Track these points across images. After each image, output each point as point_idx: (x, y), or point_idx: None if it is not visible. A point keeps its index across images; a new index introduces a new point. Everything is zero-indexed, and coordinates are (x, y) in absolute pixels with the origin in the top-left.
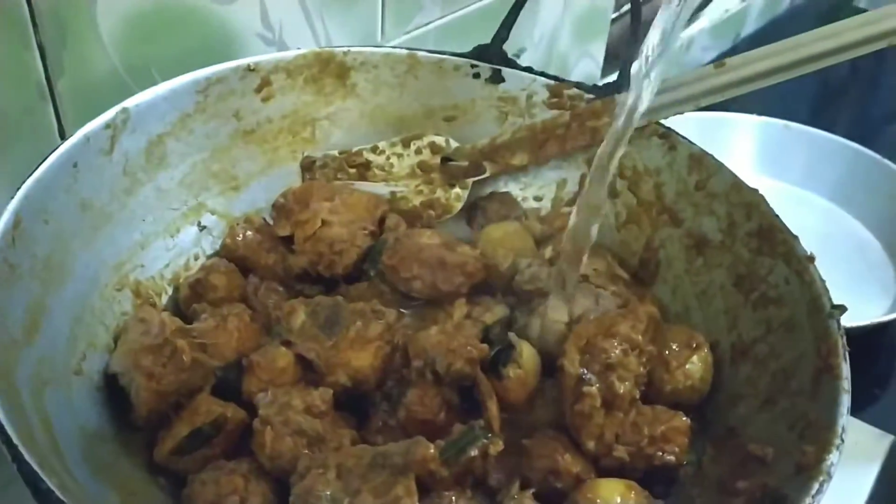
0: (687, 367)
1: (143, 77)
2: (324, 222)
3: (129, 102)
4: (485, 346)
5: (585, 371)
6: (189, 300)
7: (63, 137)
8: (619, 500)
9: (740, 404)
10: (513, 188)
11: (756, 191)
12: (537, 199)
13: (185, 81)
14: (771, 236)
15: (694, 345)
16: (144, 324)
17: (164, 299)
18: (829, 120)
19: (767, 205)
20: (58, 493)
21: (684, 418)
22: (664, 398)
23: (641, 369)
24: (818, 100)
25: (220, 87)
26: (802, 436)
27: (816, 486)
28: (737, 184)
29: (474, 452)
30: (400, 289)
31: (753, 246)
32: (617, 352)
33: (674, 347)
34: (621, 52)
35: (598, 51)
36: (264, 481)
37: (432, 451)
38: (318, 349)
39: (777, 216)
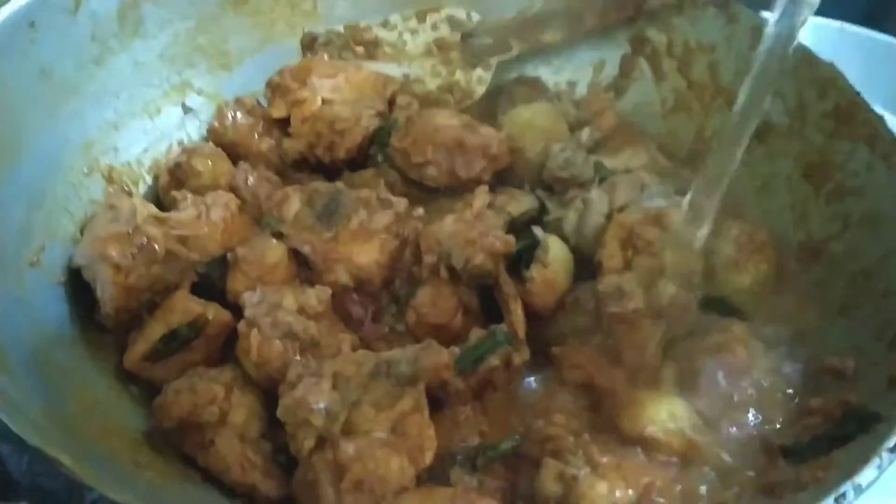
0: (747, 267)
1: None
2: (324, 101)
3: None
4: (511, 237)
5: (628, 268)
6: (168, 187)
7: None
8: (665, 418)
9: (810, 311)
10: (543, 72)
11: (832, 65)
12: (571, 83)
13: None
14: (850, 117)
15: (755, 243)
16: (113, 211)
17: (143, 189)
18: (889, 22)
19: (845, 80)
20: None
21: (742, 325)
22: (719, 303)
23: (695, 268)
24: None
25: None
26: (894, 345)
27: None
28: (808, 58)
29: (496, 361)
30: (412, 176)
31: (828, 129)
32: (669, 244)
33: (730, 245)
34: None
35: None
36: (249, 391)
37: (446, 357)
38: (315, 242)
39: (858, 93)
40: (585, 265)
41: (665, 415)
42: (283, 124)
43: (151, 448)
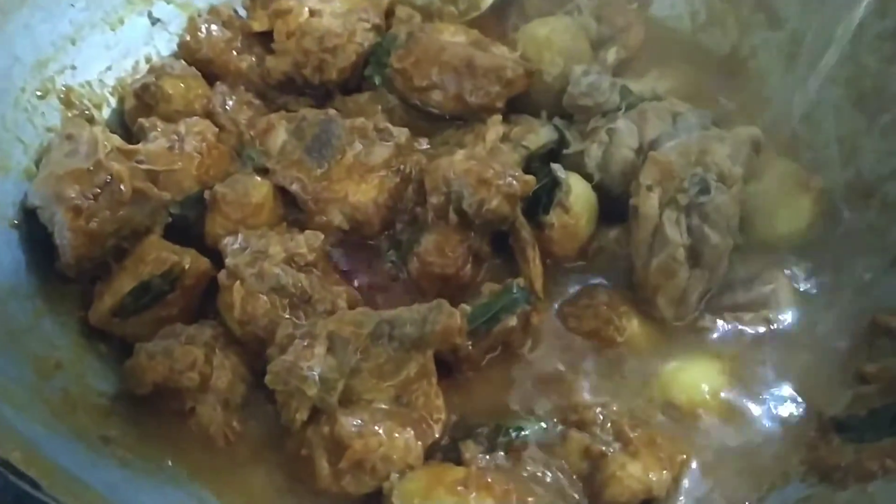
0: (791, 210)
1: None
2: (312, 12)
3: None
4: (531, 177)
5: (668, 212)
6: (135, 113)
7: None
8: (702, 381)
9: (859, 261)
10: None
11: None
12: None
13: None
14: None
15: (800, 183)
16: (71, 142)
17: (107, 114)
18: None
19: None
20: None
21: (786, 273)
22: (759, 247)
23: (735, 210)
24: None
25: None
26: None
27: None
28: None
29: (512, 322)
30: (413, 102)
31: (886, 52)
32: (712, 185)
33: (773, 185)
34: None
35: None
36: (233, 352)
37: (459, 320)
38: (305, 179)
39: None
40: (611, 205)
41: (702, 378)
42: (266, 39)
43: (121, 418)
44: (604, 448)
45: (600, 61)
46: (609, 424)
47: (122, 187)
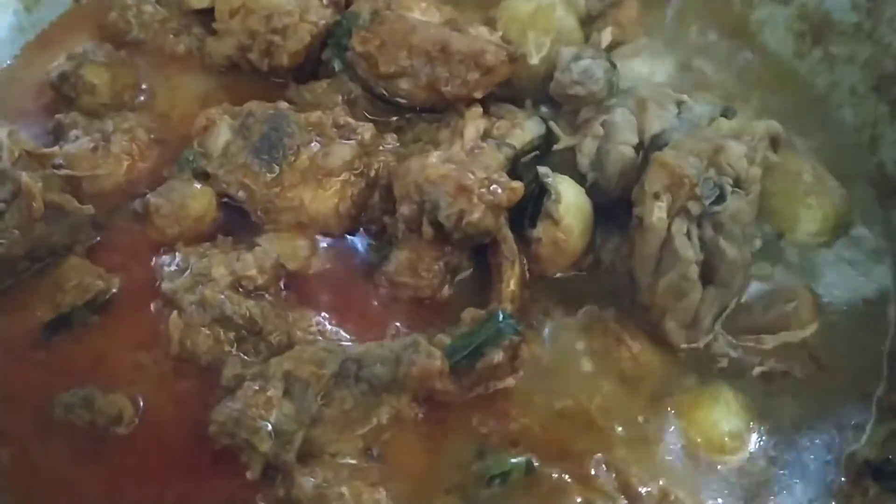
0: (802, 211)
1: None
2: None
3: None
4: (518, 184)
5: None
6: (52, 108)
7: None
8: (726, 429)
9: (883, 269)
10: None
11: None
12: None
13: None
14: None
15: (813, 176)
16: None
17: None
18: None
19: None
20: None
21: (809, 293)
22: (776, 256)
23: (752, 217)
24: None
25: None
26: None
27: None
28: None
29: (498, 357)
30: (379, 91)
31: None
32: (728, 192)
33: (786, 183)
34: None
35: None
36: None
37: (439, 362)
38: (253, 186)
39: None
40: (608, 210)
41: (721, 416)
42: (207, 17)
43: None
44: None
45: (593, 43)
46: (614, 476)
47: (33, 202)
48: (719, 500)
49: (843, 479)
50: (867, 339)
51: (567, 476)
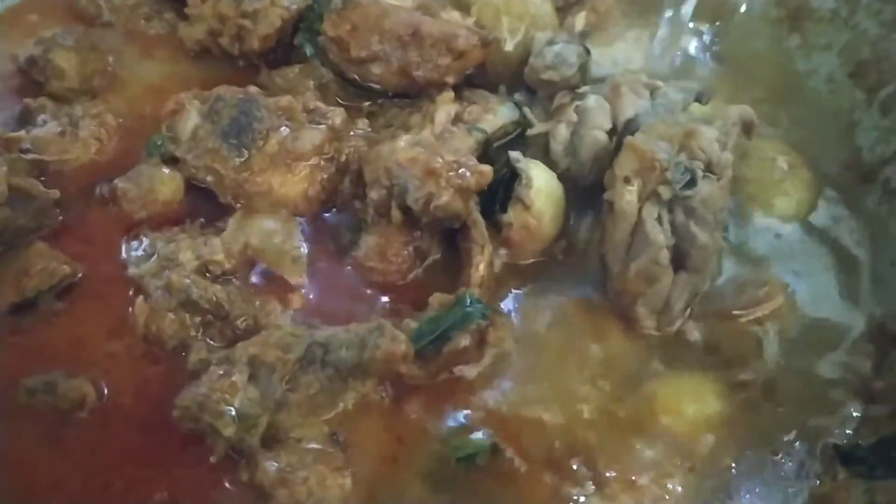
0: (778, 198)
1: None
2: None
3: None
4: (487, 167)
5: (649, 208)
6: (20, 93)
7: None
8: (696, 414)
9: (861, 256)
10: None
11: None
12: None
13: None
14: None
15: (792, 166)
16: None
17: None
18: None
19: None
20: None
21: (778, 280)
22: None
23: (724, 203)
24: None
25: None
26: None
27: None
28: None
29: (465, 341)
30: (351, 76)
31: (887, 16)
32: (699, 176)
33: (764, 169)
34: None
35: None
36: None
37: (405, 346)
38: (222, 171)
39: None
40: (581, 196)
41: (691, 401)
42: (179, 2)
43: None
44: (575, 492)
45: (567, 27)
46: (582, 460)
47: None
48: (687, 487)
49: (814, 463)
50: (839, 324)
51: (535, 460)
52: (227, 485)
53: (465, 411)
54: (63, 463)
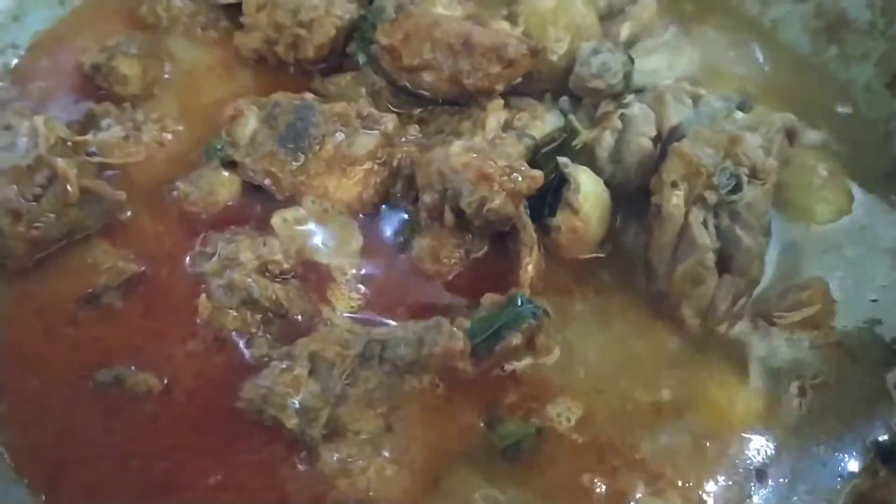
0: (819, 205)
1: None
2: None
3: None
4: (538, 172)
5: (695, 212)
6: (82, 95)
7: None
8: (740, 411)
9: None
10: None
11: None
12: None
13: None
14: None
15: (828, 170)
16: (9, 133)
17: None
18: None
19: None
20: None
21: (823, 283)
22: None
23: (767, 207)
24: None
25: None
26: None
27: None
28: None
29: (517, 340)
30: (403, 83)
31: None
32: (744, 181)
33: (806, 176)
34: None
35: None
36: None
37: (462, 343)
38: (279, 174)
39: None
40: (627, 201)
41: (735, 399)
42: (235, 12)
43: None
44: (623, 488)
45: (611, 37)
46: (627, 451)
47: (69, 187)
48: (730, 482)
49: (856, 462)
50: (881, 328)
51: (581, 454)
52: (285, 473)
53: (514, 405)
54: (127, 446)
